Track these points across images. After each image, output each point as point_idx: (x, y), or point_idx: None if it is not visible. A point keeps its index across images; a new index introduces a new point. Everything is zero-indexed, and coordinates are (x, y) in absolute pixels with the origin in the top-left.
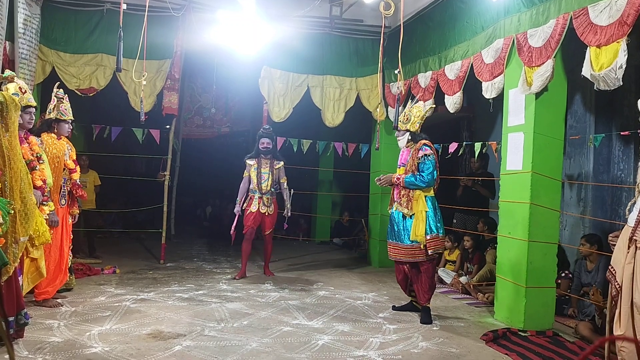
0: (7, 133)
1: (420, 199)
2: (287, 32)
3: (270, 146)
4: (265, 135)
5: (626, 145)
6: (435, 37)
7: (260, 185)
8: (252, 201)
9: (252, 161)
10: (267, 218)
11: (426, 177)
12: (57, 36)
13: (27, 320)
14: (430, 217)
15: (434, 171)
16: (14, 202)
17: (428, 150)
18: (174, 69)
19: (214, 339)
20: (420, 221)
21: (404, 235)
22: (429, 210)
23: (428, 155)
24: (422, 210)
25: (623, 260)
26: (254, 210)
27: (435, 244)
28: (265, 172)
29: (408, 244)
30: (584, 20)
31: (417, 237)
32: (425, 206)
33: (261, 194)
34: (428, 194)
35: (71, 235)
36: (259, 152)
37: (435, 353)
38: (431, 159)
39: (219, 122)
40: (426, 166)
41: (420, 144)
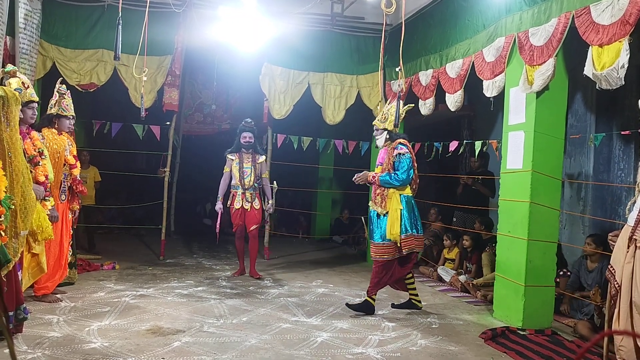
0: (8, 127)
1: (394, 197)
2: (288, 29)
3: (252, 140)
4: (246, 129)
5: (627, 145)
6: (436, 35)
7: (242, 180)
8: (236, 197)
9: (233, 156)
10: (250, 214)
11: (400, 175)
12: (57, 31)
13: (26, 315)
14: (404, 216)
15: (409, 170)
16: (14, 196)
17: (403, 149)
18: (175, 65)
19: (213, 335)
20: (395, 219)
21: (376, 233)
22: (403, 208)
23: (403, 154)
24: (396, 208)
25: (622, 260)
26: (237, 206)
27: (410, 243)
28: (248, 167)
29: (378, 242)
30: (586, 19)
31: (392, 235)
32: (399, 204)
33: (244, 190)
34: (403, 193)
35: (71, 230)
36: (240, 147)
37: (433, 351)
38: (407, 158)
39: (220, 118)
40: (401, 165)
41: (396, 142)
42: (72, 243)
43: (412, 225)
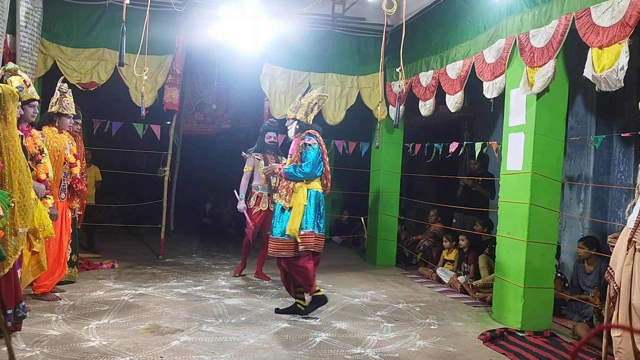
0: (5, 125)
1: (300, 191)
2: (289, 29)
3: (277, 140)
4: (271, 128)
5: (627, 147)
6: (437, 36)
7: (269, 181)
8: (261, 199)
9: (259, 156)
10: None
11: (304, 168)
12: (58, 30)
13: (25, 313)
14: (308, 212)
15: (315, 163)
16: (13, 194)
17: (311, 140)
18: (176, 65)
19: (212, 335)
20: (297, 214)
21: (277, 227)
22: (307, 204)
23: (310, 144)
24: (301, 203)
25: (622, 262)
26: (264, 208)
27: (308, 241)
28: None
29: (277, 237)
30: (586, 21)
31: (291, 231)
32: (304, 199)
33: (270, 192)
34: (311, 188)
35: (70, 229)
36: (264, 147)
37: (432, 352)
38: (313, 150)
39: (220, 118)
40: (307, 157)
41: (305, 133)
42: (74, 242)
43: (315, 223)
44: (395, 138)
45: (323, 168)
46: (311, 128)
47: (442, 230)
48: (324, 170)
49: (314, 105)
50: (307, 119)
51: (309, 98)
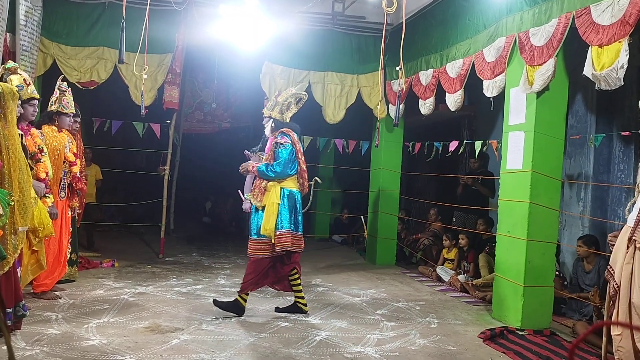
0: (5, 123)
1: (273, 190)
2: (289, 28)
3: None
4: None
5: (627, 146)
6: (437, 34)
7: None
8: None
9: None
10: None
11: (276, 167)
12: (58, 29)
13: (25, 312)
14: (282, 211)
15: (288, 162)
16: (12, 192)
17: (284, 139)
18: (175, 64)
19: (212, 333)
20: (271, 214)
21: (252, 227)
22: (281, 203)
23: (282, 143)
24: (274, 202)
25: (622, 260)
26: None
27: (284, 241)
28: None
29: (253, 238)
30: (586, 19)
31: (267, 231)
32: (277, 198)
33: None
34: (286, 187)
35: (70, 228)
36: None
37: (432, 350)
38: (285, 149)
39: (220, 117)
40: (279, 155)
41: (279, 132)
42: (74, 241)
43: (291, 222)
44: (395, 137)
45: (298, 167)
46: (287, 127)
47: (442, 229)
48: (299, 169)
49: (289, 104)
50: (282, 117)
51: (284, 96)
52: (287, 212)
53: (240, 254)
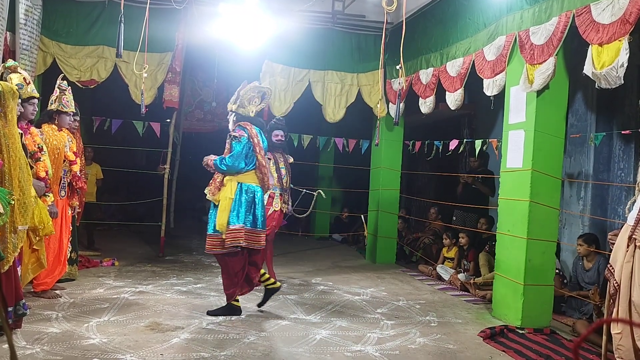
0: (6, 122)
1: (228, 184)
2: (289, 26)
3: (284, 139)
4: (278, 126)
5: (627, 145)
6: (437, 33)
7: (281, 181)
8: (274, 199)
9: (269, 155)
10: (281, 217)
11: (227, 160)
12: (58, 27)
13: (25, 310)
14: (235, 207)
15: (240, 155)
16: (13, 191)
17: (239, 132)
18: (175, 62)
19: (212, 332)
20: (224, 209)
21: (210, 223)
22: (235, 198)
23: (237, 136)
24: (227, 197)
25: (622, 259)
26: (277, 208)
27: (235, 236)
28: (283, 167)
29: (210, 233)
30: (587, 18)
31: (220, 226)
32: (231, 193)
33: (282, 191)
34: (243, 181)
35: (70, 227)
36: (272, 146)
37: (432, 349)
38: (240, 142)
39: (220, 116)
40: (232, 148)
41: (237, 125)
42: (74, 240)
43: (246, 218)
44: (395, 136)
45: (256, 162)
46: (248, 120)
47: (442, 227)
48: (258, 164)
49: (251, 98)
50: (245, 111)
51: (246, 90)
52: (242, 208)
53: None
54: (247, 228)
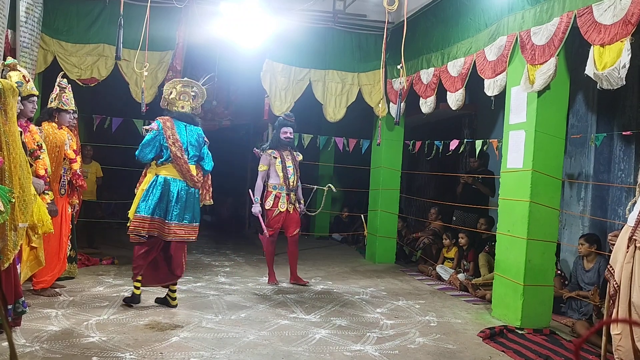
0: (6, 120)
1: (148, 176)
2: (289, 25)
3: (292, 136)
4: (287, 123)
5: (627, 146)
6: (438, 33)
7: (287, 180)
8: (279, 199)
9: (275, 153)
10: (293, 217)
11: (137, 150)
12: (59, 25)
13: (24, 308)
14: (147, 197)
15: (146, 146)
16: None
17: (152, 124)
18: (176, 61)
19: (212, 331)
20: (136, 199)
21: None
22: (148, 188)
23: (148, 129)
24: (142, 187)
25: (622, 260)
26: (282, 209)
27: (137, 225)
28: (290, 166)
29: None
30: (588, 18)
31: (130, 214)
32: (146, 184)
33: (289, 191)
34: (160, 173)
35: (70, 225)
36: (279, 143)
37: (432, 349)
38: (150, 133)
39: (220, 115)
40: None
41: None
42: (73, 238)
43: (156, 209)
44: (395, 135)
45: (170, 154)
46: (175, 116)
47: (442, 227)
48: (172, 156)
49: (181, 93)
50: (167, 107)
51: (166, 87)
52: (152, 198)
53: (239, 252)
54: (155, 218)
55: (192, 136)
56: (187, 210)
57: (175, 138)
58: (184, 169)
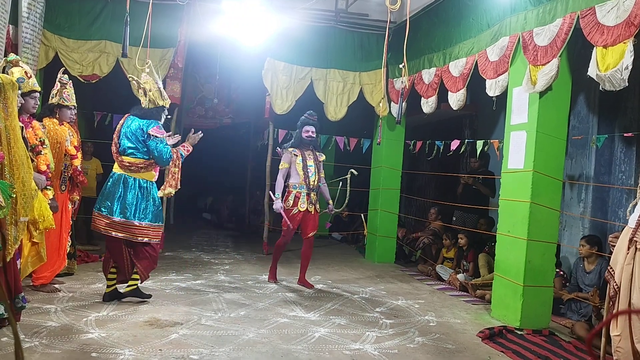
0: (7, 115)
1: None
2: (291, 24)
3: (315, 135)
4: (310, 122)
5: (628, 147)
6: (440, 33)
7: (307, 180)
8: (300, 199)
9: (296, 151)
10: (312, 218)
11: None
12: (60, 22)
13: (24, 304)
14: (102, 192)
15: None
16: (14, 184)
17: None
18: (178, 58)
19: (211, 328)
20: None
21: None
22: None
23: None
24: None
25: (622, 261)
26: (302, 209)
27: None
28: (311, 165)
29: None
30: (591, 20)
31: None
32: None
33: (309, 190)
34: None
35: (71, 221)
36: (302, 142)
37: (431, 348)
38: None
39: (221, 113)
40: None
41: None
42: (72, 234)
43: (101, 205)
44: (396, 135)
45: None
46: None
47: (442, 228)
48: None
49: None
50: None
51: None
52: (103, 194)
53: (240, 250)
54: (101, 214)
55: (126, 129)
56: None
57: (117, 131)
58: (117, 159)
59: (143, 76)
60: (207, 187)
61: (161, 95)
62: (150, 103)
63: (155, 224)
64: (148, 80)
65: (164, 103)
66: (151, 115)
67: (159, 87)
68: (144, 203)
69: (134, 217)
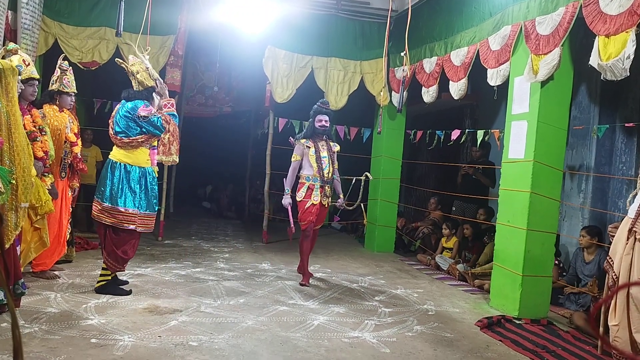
0: (8, 101)
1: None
2: (292, 12)
3: (328, 125)
4: (323, 111)
5: (629, 138)
6: (442, 22)
7: (321, 171)
8: (313, 191)
9: (309, 143)
10: (324, 211)
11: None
12: (60, 7)
13: (24, 290)
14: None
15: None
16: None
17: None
18: (178, 46)
19: (210, 316)
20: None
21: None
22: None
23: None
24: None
25: (621, 251)
26: (316, 202)
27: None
28: (325, 157)
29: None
30: (594, 8)
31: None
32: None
33: (323, 183)
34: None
35: (70, 208)
36: (314, 132)
37: (429, 337)
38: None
39: (221, 101)
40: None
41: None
42: (71, 221)
43: (97, 190)
44: (397, 124)
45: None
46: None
47: (442, 217)
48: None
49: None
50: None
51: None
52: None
53: (239, 239)
54: (98, 201)
55: (118, 113)
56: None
57: (112, 117)
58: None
59: (130, 58)
60: (207, 176)
61: (150, 76)
62: (140, 85)
63: (144, 211)
64: (135, 62)
65: (154, 83)
66: (141, 97)
67: (147, 67)
68: (129, 188)
69: (119, 203)
